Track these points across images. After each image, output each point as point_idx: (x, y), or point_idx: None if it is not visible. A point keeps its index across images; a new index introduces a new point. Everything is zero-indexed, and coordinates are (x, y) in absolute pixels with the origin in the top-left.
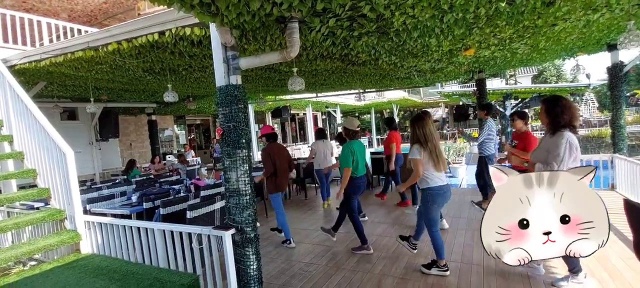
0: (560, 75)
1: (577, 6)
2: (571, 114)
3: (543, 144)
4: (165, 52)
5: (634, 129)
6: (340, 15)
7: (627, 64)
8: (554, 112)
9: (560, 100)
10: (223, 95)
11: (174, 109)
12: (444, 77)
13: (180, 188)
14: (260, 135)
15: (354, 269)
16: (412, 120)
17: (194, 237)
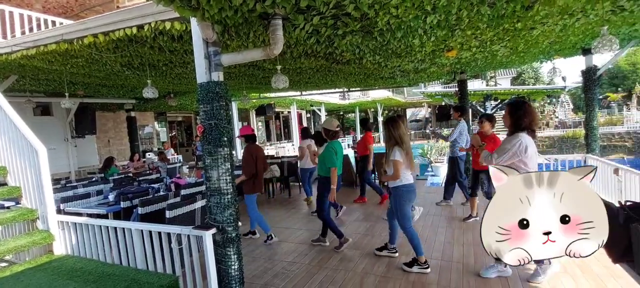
0: (537, 77)
1: (555, 11)
2: (531, 117)
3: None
4: (145, 46)
5: (605, 130)
6: (324, 13)
7: (601, 68)
8: (516, 114)
9: (523, 105)
10: (204, 92)
11: (154, 105)
12: (427, 78)
13: (160, 187)
14: (239, 135)
15: (336, 268)
16: (387, 122)
17: (174, 237)
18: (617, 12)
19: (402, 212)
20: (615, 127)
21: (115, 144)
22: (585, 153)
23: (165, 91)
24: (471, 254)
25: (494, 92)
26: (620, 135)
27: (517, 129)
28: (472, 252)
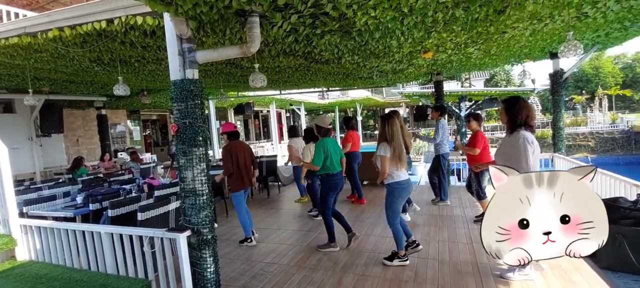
0: (509, 79)
1: (525, 16)
2: (528, 113)
3: (503, 144)
4: (115, 41)
5: (571, 130)
6: (302, 11)
7: (567, 71)
8: (513, 110)
9: (519, 101)
10: (178, 90)
11: (126, 102)
12: (404, 78)
13: (132, 188)
14: (221, 132)
15: (315, 267)
16: (383, 118)
17: (146, 239)
18: (581, 18)
19: (392, 209)
20: (580, 127)
21: (85, 143)
22: (552, 153)
23: (138, 88)
24: (446, 250)
25: (468, 93)
26: (584, 135)
27: (515, 125)
28: (448, 249)
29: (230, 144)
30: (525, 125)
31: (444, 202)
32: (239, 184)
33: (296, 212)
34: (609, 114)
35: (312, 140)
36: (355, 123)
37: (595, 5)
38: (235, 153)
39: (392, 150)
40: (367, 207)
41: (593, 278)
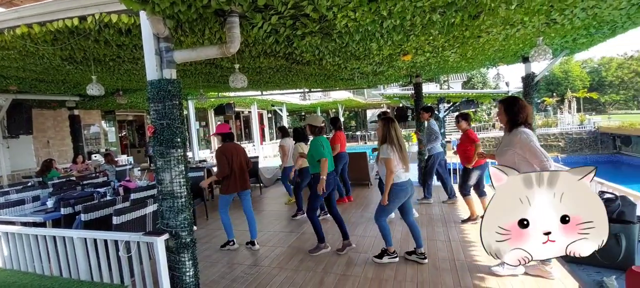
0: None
1: (498, 21)
2: (526, 113)
3: (504, 142)
4: (88, 39)
5: (542, 131)
6: (282, 13)
7: (538, 75)
8: (513, 111)
9: (518, 101)
10: (155, 90)
11: (101, 103)
12: (385, 80)
13: (107, 191)
14: (214, 132)
15: (296, 269)
16: (385, 120)
17: (122, 244)
18: (550, 25)
19: (385, 208)
20: (551, 128)
21: (56, 144)
22: None
23: (114, 88)
24: (425, 249)
25: (446, 95)
26: (555, 135)
27: (515, 124)
28: (427, 247)
29: (225, 146)
30: (525, 124)
31: (428, 199)
32: (232, 187)
33: (278, 214)
34: (577, 115)
35: (301, 139)
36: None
37: (562, 12)
38: (230, 155)
39: (397, 151)
40: (349, 207)
41: (565, 275)
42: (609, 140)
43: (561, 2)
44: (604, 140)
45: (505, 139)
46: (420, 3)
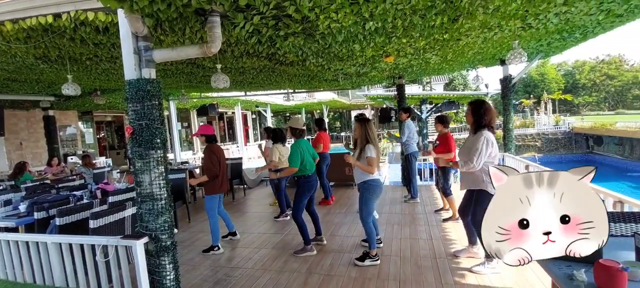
0: (466, 84)
1: (476, 25)
2: (491, 116)
3: (467, 143)
4: (63, 38)
5: (520, 132)
6: (264, 13)
7: (515, 77)
8: (478, 113)
9: (483, 104)
10: (133, 90)
11: (78, 103)
12: (368, 81)
13: (84, 194)
14: (197, 133)
15: (281, 270)
16: (362, 121)
17: (99, 248)
18: (526, 29)
19: (367, 207)
20: (528, 129)
21: (30, 146)
22: (503, 152)
23: (91, 88)
24: (408, 247)
25: (429, 96)
26: (532, 136)
27: (479, 126)
28: (409, 245)
29: (214, 146)
30: (488, 127)
31: (414, 199)
32: (219, 187)
33: (262, 215)
34: (553, 116)
35: (278, 140)
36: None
37: (537, 17)
38: (219, 155)
39: (376, 150)
40: (333, 208)
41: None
42: (582, 140)
43: (535, 7)
44: (577, 140)
45: (469, 139)
46: (401, 6)
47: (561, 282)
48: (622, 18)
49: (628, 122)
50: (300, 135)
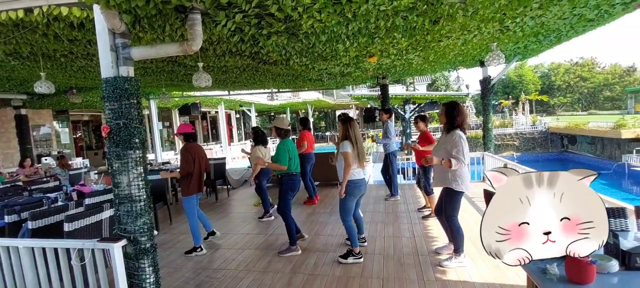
0: (448, 85)
1: (456, 27)
2: (463, 117)
3: (440, 142)
4: (36, 33)
5: (499, 131)
6: (247, 11)
7: (494, 78)
8: (451, 114)
9: (457, 105)
10: (110, 88)
11: (52, 101)
12: (352, 81)
13: (58, 197)
14: (176, 132)
15: (265, 270)
16: (344, 120)
17: (74, 252)
18: (504, 31)
19: (345, 206)
20: (507, 128)
21: (1, 146)
22: (483, 152)
23: (67, 86)
24: (391, 245)
25: (412, 96)
26: (510, 135)
27: (452, 126)
28: (392, 243)
29: (191, 145)
30: (460, 127)
31: (395, 197)
32: (194, 188)
33: (246, 215)
34: (530, 116)
35: (260, 142)
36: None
37: (514, 20)
38: (195, 154)
39: (353, 147)
40: (318, 207)
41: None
42: (557, 139)
43: (512, 10)
44: (553, 140)
45: (442, 138)
46: (383, 7)
47: (535, 276)
48: (593, 22)
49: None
50: (285, 135)
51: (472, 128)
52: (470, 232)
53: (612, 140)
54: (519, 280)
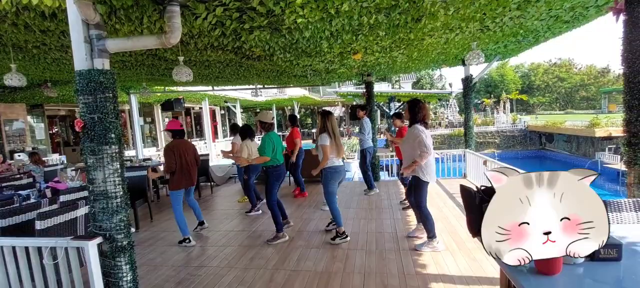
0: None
1: (438, 25)
2: (424, 113)
3: (407, 136)
4: (4, 22)
5: (481, 129)
6: (227, 4)
7: (475, 77)
8: (414, 110)
9: (418, 102)
10: (84, 81)
11: (26, 95)
12: (337, 78)
13: (31, 194)
14: (165, 128)
15: (246, 267)
16: (323, 114)
17: (46, 251)
18: (484, 31)
19: (328, 189)
20: (488, 127)
21: None
22: (464, 149)
23: (41, 79)
24: (374, 240)
25: (397, 94)
26: (491, 133)
27: (414, 121)
28: (375, 239)
29: (174, 142)
30: (421, 122)
31: (372, 190)
32: (181, 182)
33: (229, 212)
34: (510, 115)
35: (247, 136)
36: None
37: (494, 20)
38: (179, 151)
39: (330, 139)
40: (305, 202)
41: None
42: (536, 137)
43: (492, 10)
44: (532, 138)
45: (407, 133)
46: (366, 3)
47: (507, 268)
48: (568, 24)
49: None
50: (269, 129)
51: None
52: (449, 226)
53: (586, 139)
54: (496, 273)
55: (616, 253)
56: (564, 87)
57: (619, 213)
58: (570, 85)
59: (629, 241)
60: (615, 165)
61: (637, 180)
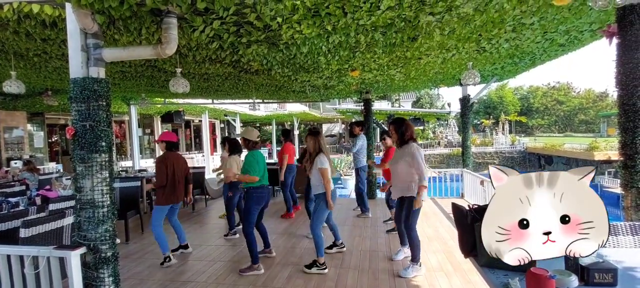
0: (432, 102)
1: (434, 45)
2: (411, 131)
3: (397, 155)
4: (6, 30)
5: (480, 150)
6: (224, 18)
7: (473, 97)
8: (400, 129)
9: (404, 121)
10: (79, 89)
11: (27, 103)
12: (336, 94)
13: (20, 201)
14: (158, 139)
15: (235, 284)
16: (313, 133)
17: (28, 260)
18: (481, 52)
19: (319, 216)
20: (487, 147)
21: None
22: (462, 169)
23: (42, 87)
24: (367, 259)
25: (396, 112)
26: (490, 154)
27: (403, 140)
28: (368, 257)
29: (166, 154)
30: (411, 139)
31: (365, 213)
32: (168, 198)
33: (221, 227)
34: (509, 136)
35: (236, 152)
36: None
37: (490, 41)
38: (172, 165)
39: (329, 161)
40: (295, 221)
41: None
42: (535, 159)
43: (487, 32)
44: (530, 159)
45: (397, 152)
46: (362, 21)
47: None
48: (564, 47)
49: (574, 144)
50: (253, 148)
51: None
52: (445, 246)
53: (586, 162)
54: None
55: (612, 278)
56: (563, 110)
57: (616, 237)
58: (569, 109)
59: (625, 266)
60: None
61: (634, 203)
